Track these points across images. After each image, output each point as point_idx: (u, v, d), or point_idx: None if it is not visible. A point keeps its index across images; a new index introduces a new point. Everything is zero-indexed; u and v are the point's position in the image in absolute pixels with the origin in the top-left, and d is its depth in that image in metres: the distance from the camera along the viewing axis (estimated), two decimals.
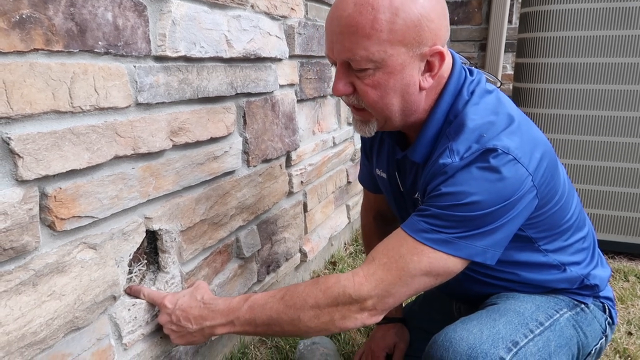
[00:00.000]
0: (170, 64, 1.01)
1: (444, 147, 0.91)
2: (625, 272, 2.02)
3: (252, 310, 0.94)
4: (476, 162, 0.85)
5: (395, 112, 0.92)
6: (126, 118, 0.91)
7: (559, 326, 0.99)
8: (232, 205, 1.29)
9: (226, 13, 1.18)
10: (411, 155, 0.99)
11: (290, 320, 0.91)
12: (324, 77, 1.83)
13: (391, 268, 0.88)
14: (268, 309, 0.92)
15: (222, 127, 1.21)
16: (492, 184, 0.85)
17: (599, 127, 2.06)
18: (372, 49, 0.83)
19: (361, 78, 0.87)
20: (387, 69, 0.85)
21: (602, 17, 1.95)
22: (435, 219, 0.87)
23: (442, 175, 0.88)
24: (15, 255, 0.73)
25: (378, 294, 0.88)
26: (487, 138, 0.86)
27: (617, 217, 2.13)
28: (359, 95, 0.90)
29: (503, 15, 3.71)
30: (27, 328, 0.75)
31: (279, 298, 0.92)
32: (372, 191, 1.35)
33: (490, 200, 0.85)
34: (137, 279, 1.03)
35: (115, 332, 0.95)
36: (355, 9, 0.82)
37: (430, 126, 0.95)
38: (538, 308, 1.00)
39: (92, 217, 0.85)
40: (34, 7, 0.71)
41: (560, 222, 1.02)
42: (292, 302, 0.91)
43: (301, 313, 0.90)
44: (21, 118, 0.71)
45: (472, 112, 0.91)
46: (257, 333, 0.97)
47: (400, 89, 0.88)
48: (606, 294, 1.12)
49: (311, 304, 0.89)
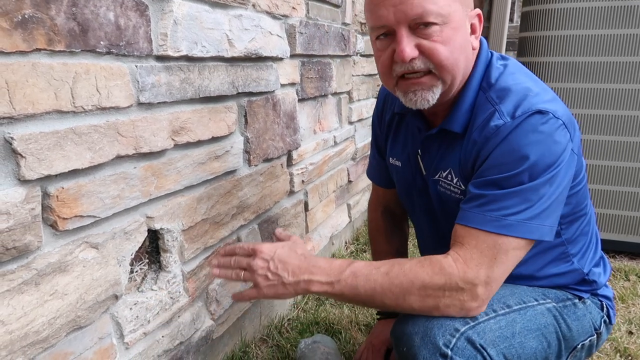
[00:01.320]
0: (171, 64, 1.01)
1: (489, 112, 0.92)
2: (626, 271, 2.02)
3: (355, 277, 0.91)
4: (528, 122, 0.86)
5: (461, 71, 0.92)
6: (128, 118, 0.91)
7: (532, 312, 0.99)
8: (233, 204, 1.29)
9: (228, 12, 1.18)
10: (449, 126, 0.98)
11: (394, 297, 0.89)
12: (325, 76, 1.83)
13: (484, 253, 0.88)
14: (372, 281, 0.90)
15: (223, 127, 1.21)
16: (546, 146, 0.86)
17: (600, 126, 2.06)
18: (440, 3, 0.85)
19: (429, 37, 0.87)
20: (453, 24, 0.87)
21: (603, 16, 1.95)
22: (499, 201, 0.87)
23: (495, 136, 0.88)
24: (17, 255, 0.73)
25: (484, 280, 0.87)
26: (535, 101, 0.88)
27: (619, 217, 2.13)
28: (427, 56, 0.88)
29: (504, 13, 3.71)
30: (29, 327, 0.75)
31: (384, 273, 0.90)
32: (382, 186, 1.35)
33: (544, 162, 0.85)
34: (139, 278, 1.04)
35: (117, 331, 0.95)
36: None
37: (467, 93, 0.96)
38: (512, 294, 1.01)
39: (94, 216, 0.86)
40: (36, 7, 0.71)
41: (582, 205, 1.03)
42: (398, 280, 0.89)
43: (407, 294, 0.88)
44: (24, 118, 0.72)
45: (513, 79, 0.94)
46: (354, 300, 0.94)
47: (464, 45, 0.91)
48: (605, 292, 1.12)
49: (418, 286, 0.88)
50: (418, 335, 0.89)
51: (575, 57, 2.02)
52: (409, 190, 1.15)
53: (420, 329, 0.89)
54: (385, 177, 1.30)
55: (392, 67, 0.92)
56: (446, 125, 0.99)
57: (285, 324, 1.62)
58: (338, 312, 1.68)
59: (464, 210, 0.91)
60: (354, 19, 2.12)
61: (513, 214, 0.86)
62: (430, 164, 1.06)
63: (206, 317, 1.24)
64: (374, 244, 1.42)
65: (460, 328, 0.88)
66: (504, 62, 0.99)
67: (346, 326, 1.59)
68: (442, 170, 1.02)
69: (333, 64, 1.91)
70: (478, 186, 0.90)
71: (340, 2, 1.93)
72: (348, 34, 2.04)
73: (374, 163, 1.34)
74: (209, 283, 1.24)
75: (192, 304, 1.18)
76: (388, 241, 1.37)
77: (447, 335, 0.88)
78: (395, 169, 1.18)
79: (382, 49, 0.92)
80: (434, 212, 1.10)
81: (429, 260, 0.89)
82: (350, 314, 1.67)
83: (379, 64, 0.95)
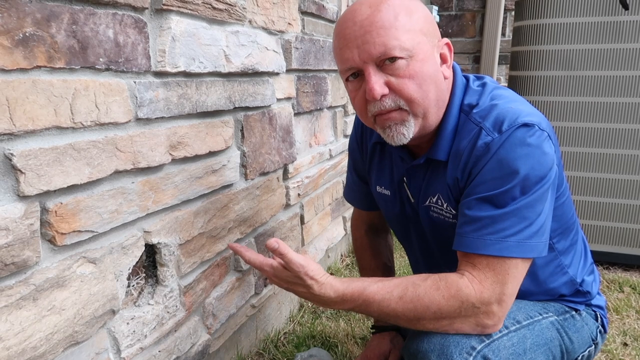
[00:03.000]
0: (169, 80, 1.02)
1: (474, 132, 0.92)
2: (620, 283, 2.03)
3: (367, 306, 0.92)
4: (515, 136, 0.87)
5: (433, 102, 0.92)
6: (126, 133, 0.92)
7: (539, 326, 1.00)
8: (230, 218, 1.30)
9: (225, 29, 1.20)
10: (435, 155, 0.98)
11: (409, 321, 0.90)
12: (320, 91, 1.85)
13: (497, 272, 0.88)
14: (385, 306, 0.90)
15: (220, 141, 1.22)
16: (535, 159, 0.87)
17: (594, 138, 2.08)
18: (402, 38, 0.86)
19: (396, 73, 0.87)
20: (419, 56, 0.88)
21: (593, 31, 1.98)
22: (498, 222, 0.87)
23: (486, 154, 0.89)
24: (16, 270, 0.73)
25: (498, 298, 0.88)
26: (519, 114, 0.89)
27: (612, 228, 2.15)
28: (396, 93, 0.89)
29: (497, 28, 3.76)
30: (27, 343, 0.75)
31: (397, 297, 0.90)
32: (364, 209, 1.35)
33: (535, 175, 0.86)
34: (136, 292, 1.04)
35: (114, 346, 0.95)
36: (373, 9, 0.86)
37: (449, 120, 0.96)
38: (519, 309, 1.01)
39: (92, 231, 0.86)
40: (37, 25, 0.73)
41: (569, 215, 1.04)
42: (413, 305, 0.88)
43: (422, 318, 0.89)
44: (23, 134, 0.72)
45: (492, 97, 0.95)
46: (370, 315, 1.00)
47: (433, 76, 0.90)
48: (598, 302, 1.13)
49: (433, 311, 0.88)
50: (434, 353, 0.89)
51: (566, 70, 2.06)
52: (399, 217, 1.15)
53: (436, 347, 0.89)
54: (367, 201, 1.30)
55: (367, 107, 0.92)
56: (431, 154, 0.99)
57: (282, 337, 1.61)
58: (334, 326, 1.68)
59: (462, 235, 0.91)
60: None
61: (513, 234, 0.87)
62: (417, 191, 1.07)
63: (202, 332, 1.24)
64: (360, 260, 1.43)
65: (477, 346, 0.88)
66: (480, 82, 1.01)
67: (342, 339, 1.59)
68: (431, 196, 1.02)
69: (328, 78, 1.93)
70: (471, 207, 0.90)
71: (335, 18, 1.95)
72: None
73: (354, 187, 1.33)
74: (205, 297, 1.24)
75: (189, 318, 1.18)
76: (374, 257, 1.38)
77: (464, 354, 0.87)
78: (383, 198, 1.18)
79: (354, 89, 0.93)
80: (425, 237, 1.11)
81: (445, 281, 0.89)
82: (347, 327, 1.67)
83: (355, 105, 0.96)
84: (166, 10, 0.98)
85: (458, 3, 3.90)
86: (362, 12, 0.87)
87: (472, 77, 1.02)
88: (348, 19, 0.89)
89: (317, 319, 1.73)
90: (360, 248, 1.42)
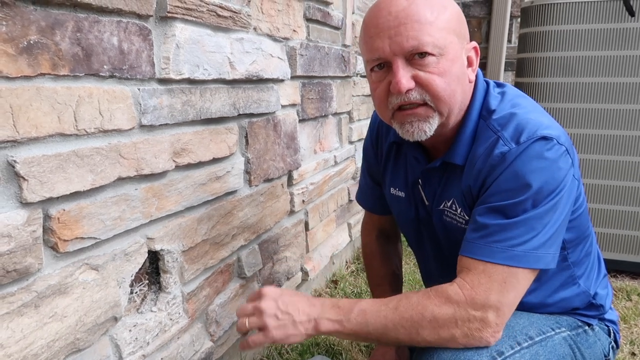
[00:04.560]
0: (174, 86, 1.03)
1: (492, 139, 0.91)
2: (628, 291, 2.00)
3: (364, 315, 0.90)
4: (533, 149, 0.86)
5: (457, 103, 0.91)
6: (130, 140, 0.92)
7: (552, 343, 0.98)
8: (233, 224, 1.30)
9: (229, 36, 1.20)
10: (452, 159, 0.97)
11: (407, 332, 0.88)
12: (325, 97, 1.85)
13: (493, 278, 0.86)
14: (382, 317, 0.89)
15: (224, 148, 1.22)
16: (550, 173, 0.86)
17: (599, 145, 2.07)
18: (436, 35, 0.85)
19: (425, 68, 0.86)
20: (450, 55, 0.87)
21: (600, 38, 1.97)
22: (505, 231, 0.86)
23: (502, 163, 0.88)
24: (18, 277, 0.73)
25: (494, 305, 0.86)
26: (538, 126, 0.88)
27: (620, 236, 2.12)
28: (423, 87, 0.88)
29: (502, 35, 3.76)
30: (28, 350, 0.75)
31: (393, 308, 0.89)
32: (376, 213, 1.34)
33: (547, 189, 0.85)
34: (138, 299, 1.04)
35: (116, 353, 0.95)
36: (410, 2, 0.86)
37: (468, 125, 0.95)
38: (531, 324, 0.99)
39: (95, 238, 0.86)
40: (42, 33, 0.73)
41: (584, 227, 1.03)
42: (408, 314, 0.87)
43: (419, 328, 0.87)
44: (27, 141, 0.72)
45: (512, 106, 0.94)
46: (367, 338, 0.93)
47: (460, 77, 0.90)
48: (611, 317, 1.11)
49: (429, 319, 0.86)
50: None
51: (572, 77, 2.05)
52: (412, 220, 1.14)
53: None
54: (379, 205, 1.29)
55: (388, 99, 0.91)
56: (448, 158, 0.98)
57: (286, 345, 1.60)
58: None
59: (469, 241, 0.90)
60: (354, 41, 2.15)
61: (520, 244, 0.86)
62: (432, 194, 1.05)
63: (206, 339, 1.23)
64: (369, 267, 1.42)
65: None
66: (501, 90, 1.00)
67: (346, 347, 1.58)
68: (446, 200, 1.02)
69: (333, 85, 1.93)
70: (482, 214, 0.90)
71: (340, 25, 1.95)
72: (348, 55, 2.06)
73: (367, 191, 1.32)
74: (208, 304, 1.23)
75: (192, 325, 1.18)
76: (383, 264, 1.36)
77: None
78: (397, 200, 1.17)
79: (378, 80, 0.92)
80: (438, 242, 1.10)
81: (435, 290, 0.88)
82: None
83: (375, 96, 0.95)
84: (171, 17, 0.99)
85: (464, 10, 3.90)
86: (398, 3, 0.86)
87: (493, 84, 1.01)
88: (383, 8, 0.88)
89: None
90: (370, 254, 1.41)
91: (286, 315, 0.92)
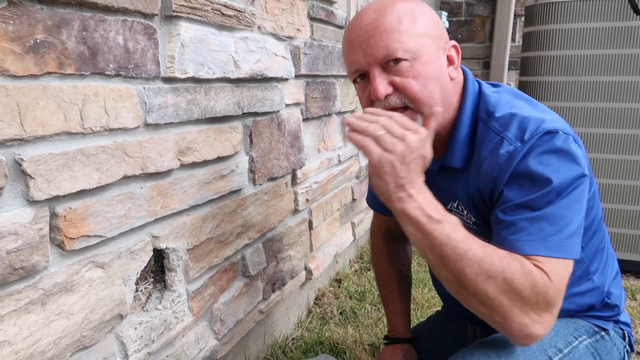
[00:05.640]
0: (178, 85, 1.03)
1: (495, 141, 0.91)
2: (633, 291, 2.00)
3: (455, 231, 0.82)
4: (540, 143, 0.86)
5: (438, 102, 0.91)
6: (135, 138, 0.92)
7: (578, 354, 0.97)
8: (238, 223, 1.30)
9: (234, 35, 1.20)
10: (449, 162, 0.97)
11: (478, 272, 0.80)
12: (329, 96, 1.85)
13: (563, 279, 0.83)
14: (468, 244, 0.81)
15: (228, 146, 1.22)
16: (564, 162, 0.85)
17: (604, 144, 2.06)
18: (405, 41, 0.87)
19: (400, 73, 0.88)
20: (423, 58, 0.89)
21: (604, 36, 1.97)
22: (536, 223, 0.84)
23: (509, 162, 0.87)
24: (25, 275, 0.73)
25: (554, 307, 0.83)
26: (541, 122, 0.88)
27: (624, 235, 2.12)
28: (401, 91, 0.89)
29: (506, 33, 3.75)
30: (35, 347, 0.76)
31: (481, 245, 0.82)
32: (383, 214, 1.34)
33: (568, 176, 0.84)
34: (144, 297, 1.04)
35: (122, 350, 0.95)
36: (378, 14, 0.89)
37: (461, 126, 0.96)
38: (557, 334, 0.98)
39: (101, 236, 0.86)
40: (48, 32, 0.73)
41: (598, 218, 1.02)
42: (491, 259, 0.80)
43: (491, 277, 0.80)
44: (33, 140, 0.73)
45: (511, 106, 0.94)
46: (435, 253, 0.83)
47: (437, 77, 0.91)
48: (625, 319, 1.11)
49: (505, 277, 0.79)
50: None
51: (576, 76, 2.04)
52: None
53: None
54: (385, 206, 1.30)
55: (374, 106, 0.93)
56: (445, 161, 0.98)
57: (290, 343, 1.61)
58: (343, 332, 1.67)
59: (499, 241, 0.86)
60: None
61: (552, 234, 0.83)
62: (435, 196, 1.05)
63: (210, 337, 1.24)
64: (376, 267, 1.42)
65: None
66: (497, 89, 1.00)
67: (351, 346, 1.58)
68: (452, 201, 1.02)
69: (337, 84, 1.93)
70: (505, 213, 0.87)
71: (344, 24, 1.95)
72: None
73: (374, 192, 1.33)
74: (213, 302, 1.24)
75: (197, 324, 1.18)
76: (391, 265, 1.36)
77: None
78: None
79: (361, 90, 0.95)
80: None
81: (521, 261, 0.82)
82: (355, 334, 1.66)
83: (363, 105, 0.97)
84: (175, 16, 0.99)
85: (467, 9, 3.90)
86: (367, 17, 0.90)
87: (486, 84, 1.01)
88: (354, 24, 0.92)
89: (325, 325, 1.72)
90: (377, 254, 1.41)
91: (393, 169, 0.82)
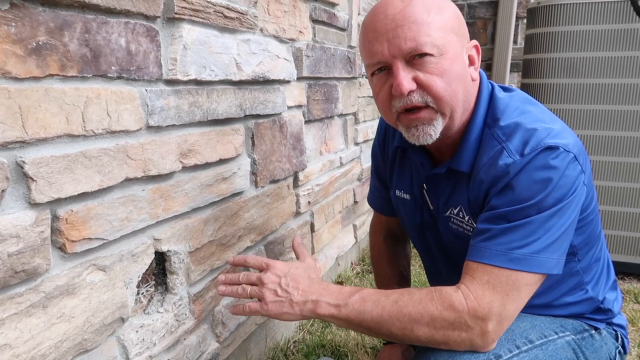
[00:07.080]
0: (181, 87, 1.03)
1: (496, 150, 0.90)
2: (636, 294, 1.99)
3: (363, 302, 0.89)
4: (538, 159, 0.85)
5: (460, 103, 0.90)
6: (137, 141, 0.92)
7: (553, 347, 0.97)
8: (240, 226, 1.30)
9: (236, 37, 1.20)
10: (457, 166, 0.96)
11: (402, 328, 0.87)
12: (331, 98, 1.85)
13: (497, 289, 0.85)
14: (380, 307, 0.88)
15: (230, 149, 1.22)
16: (556, 180, 0.85)
17: (605, 147, 2.06)
18: (434, 35, 0.84)
19: (424, 69, 0.86)
20: (449, 54, 0.86)
21: (606, 39, 1.96)
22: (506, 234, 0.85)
23: (506, 176, 0.87)
24: (26, 278, 0.73)
25: (495, 318, 0.85)
26: (544, 136, 0.87)
27: (627, 238, 2.11)
28: (424, 88, 0.87)
29: (508, 36, 3.74)
30: (36, 350, 0.75)
31: (393, 301, 0.88)
32: (384, 214, 1.34)
33: (553, 197, 0.84)
34: (145, 300, 1.04)
35: (123, 354, 0.95)
36: (406, 4, 0.85)
37: (473, 130, 0.94)
38: (533, 327, 0.98)
39: (102, 239, 0.86)
40: (50, 34, 0.73)
41: (594, 232, 1.02)
42: (407, 310, 0.87)
43: (415, 326, 0.86)
44: (35, 142, 0.73)
45: (518, 113, 0.92)
46: (360, 327, 0.92)
47: (462, 76, 0.89)
48: (619, 321, 1.10)
49: (427, 321, 0.86)
50: None
51: (578, 78, 2.04)
52: (417, 223, 1.13)
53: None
54: (387, 206, 1.29)
55: (392, 102, 0.90)
56: (454, 164, 0.97)
57: (291, 346, 1.60)
58: (344, 335, 1.66)
59: (472, 245, 0.90)
60: None
61: (519, 247, 0.84)
62: (436, 200, 1.05)
63: (212, 340, 1.23)
64: (376, 267, 1.41)
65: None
66: (507, 94, 0.97)
67: (352, 349, 1.58)
68: (453, 207, 1.01)
69: (339, 86, 1.93)
70: (484, 220, 0.89)
71: (346, 26, 1.95)
72: (354, 56, 2.06)
73: (376, 192, 1.33)
74: (215, 305, 1.23)
75: (198, 327, 1.17)
76: (391, 265, 1.36)
77: None
78: (402, 202, 1.16)
79: (380, 84, 0.91)
80: (444, 247, 1.09)
81: (439, 293, 0.87)
82: (357, 337, 1.65)
83: (378, 101, 0.94)
84: (178, 19, 0.99)
85: (469, 11, 3.89)
86: (394, 5, 0.86)
87: (498, 87, 0.99)
88: (380, 12, 0.87)
89: (327, 328, 1.72)
90: (377, 254, 1.40)
91: (285, 293, 0.93)
